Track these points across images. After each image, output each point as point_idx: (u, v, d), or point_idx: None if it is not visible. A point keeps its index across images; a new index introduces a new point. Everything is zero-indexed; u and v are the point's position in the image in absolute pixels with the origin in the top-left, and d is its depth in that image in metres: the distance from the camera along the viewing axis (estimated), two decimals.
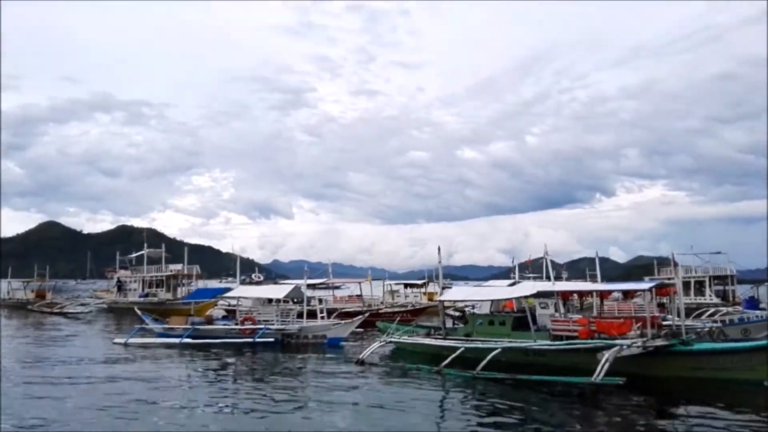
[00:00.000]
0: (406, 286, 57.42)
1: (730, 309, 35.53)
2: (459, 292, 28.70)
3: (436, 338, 23.45)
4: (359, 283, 44.30)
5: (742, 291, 46.96)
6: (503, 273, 68.72)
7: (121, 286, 56.62)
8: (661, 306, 28.22)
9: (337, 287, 45.78)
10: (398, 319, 30.81)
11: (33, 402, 15.05)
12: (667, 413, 14.09)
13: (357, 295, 44.48)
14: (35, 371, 19.83)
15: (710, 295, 47.61)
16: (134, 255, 60.94)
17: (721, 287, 50.00)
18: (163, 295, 52.23)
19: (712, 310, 34.74)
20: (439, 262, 27.82)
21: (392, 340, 23.88)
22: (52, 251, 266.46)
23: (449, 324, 26.08)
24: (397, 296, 53.47)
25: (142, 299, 51.05)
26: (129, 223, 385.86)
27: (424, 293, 53.15)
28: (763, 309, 32.04)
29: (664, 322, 21.94)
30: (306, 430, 12.49)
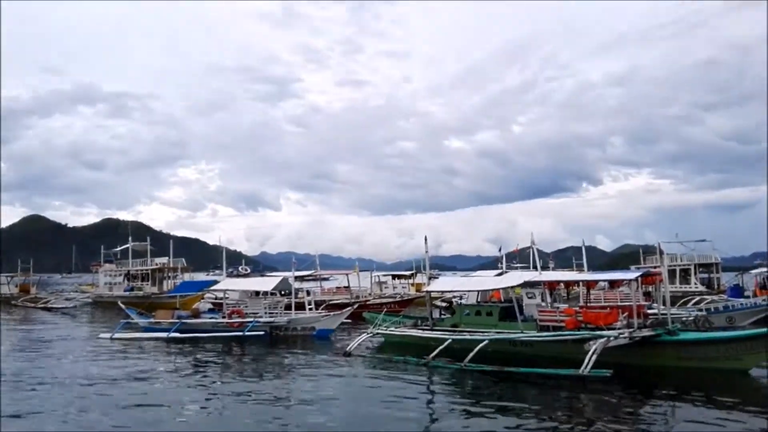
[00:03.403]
0: (394, 277, 57.30)
1: (715, 297, 35.89)
2: (446, 283, 28.66)
3: (423, 329, 23.40)
4: (347, 274, 44.19)
5: (727, 279, 47.29)
6: (491, 263, 68.79)
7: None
8: (646, 294, 28.33)
9: (325, 279, 45.61)
10: (386, 310, 30.75)
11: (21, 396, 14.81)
12: (653, 403, 14.13)
13: (345, 287, 44.37)
14: (19, 368, 19.53)
15: (695, 283, 47.98)
16: (119, 249, 60.36)
17: (706, 275, 50.37)
18: (149, 288, 51.75)
19: (697, 298, 35.06)
20: (426, 252, 27.75)
21: (379, 331, 23.81)
22: (37, 245, 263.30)
23: (437, 314, 26.05)
24: (385, 287, 53.40)
25: (127, 293, 50.58)
26: (114, 216, 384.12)
27: (412, 284, 53.12)
28: (748, 297, 32.32)
29: (650, 311, 22.06)
30: (291, 424, 12.34)
